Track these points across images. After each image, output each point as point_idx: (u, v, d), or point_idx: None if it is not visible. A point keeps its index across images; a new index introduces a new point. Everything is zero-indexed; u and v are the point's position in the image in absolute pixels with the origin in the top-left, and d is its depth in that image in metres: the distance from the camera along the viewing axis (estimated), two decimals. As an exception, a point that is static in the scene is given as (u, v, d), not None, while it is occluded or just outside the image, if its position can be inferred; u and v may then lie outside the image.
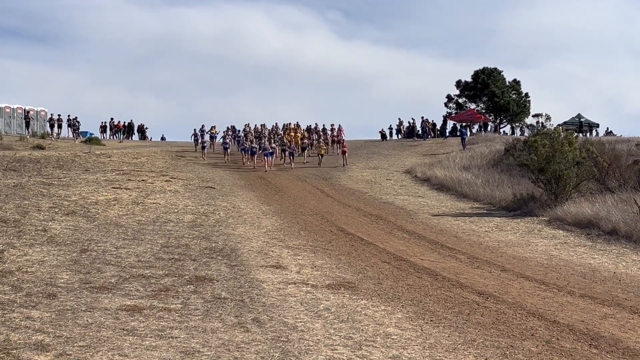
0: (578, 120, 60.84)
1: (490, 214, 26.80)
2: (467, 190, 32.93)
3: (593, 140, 43.04)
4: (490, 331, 10.33)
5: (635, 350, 9.48)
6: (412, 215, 26.02)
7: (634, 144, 38.61)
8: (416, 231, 21.92)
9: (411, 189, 34.22)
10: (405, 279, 14.42)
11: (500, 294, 13.17)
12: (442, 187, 35.15)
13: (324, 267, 15.10)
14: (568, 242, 20.47)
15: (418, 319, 10.93)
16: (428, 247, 19.00)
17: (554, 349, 9.43)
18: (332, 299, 11.99)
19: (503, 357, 8.92)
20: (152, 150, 45.23)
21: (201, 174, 36.12)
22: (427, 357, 8.77)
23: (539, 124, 62.73)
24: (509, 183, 32.41)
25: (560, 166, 27.10)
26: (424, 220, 24.71)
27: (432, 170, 39.02)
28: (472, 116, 66.77)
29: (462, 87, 72.82)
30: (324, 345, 9.10)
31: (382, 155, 44.93)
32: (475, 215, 26.02)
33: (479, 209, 28.25)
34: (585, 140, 39.14)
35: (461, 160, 43.40)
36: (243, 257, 15.76)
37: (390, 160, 40.11)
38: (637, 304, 12.75)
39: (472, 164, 41.67)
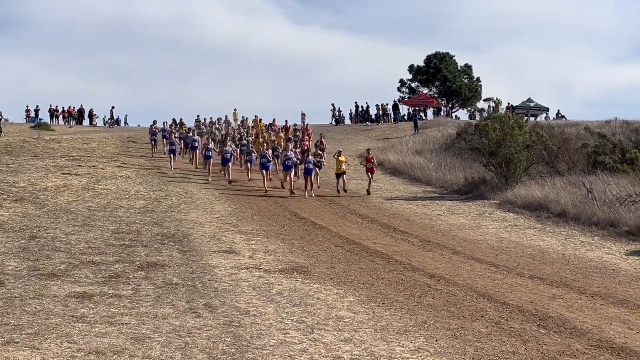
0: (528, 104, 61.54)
1: (443, 198, 27.03)
2: (420, 174, 33.14)
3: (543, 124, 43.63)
4: (441, 313, 10.43)
5: (582, 330, 9.65)
6: (365, 199, 26.12)
7: (582, 128, 39.21)
8: (369, 215, 22.01)
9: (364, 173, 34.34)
10: (358, 262, 14.47)
11: (452, 277, 13.30)
12: (395, 171, 35.32)
13: (277, 252, 15.09)
14: (518, 225, 20.74)
15: (370, 302, 10.98)
16: (381, 230, 19.09)
17: (503, 330, 9.55)
18: (284, 284, 12.00)
19: (453, 339, 9.01)
20: (102, 136, 44.61)
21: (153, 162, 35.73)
22: (378, 339, 8.82)
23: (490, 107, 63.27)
24: (460, 167, 32.69)
25: (510, 150, 27.39)
26: (377, 204, 24.83)
27: (385, 154, 39.17)
28: (424, 101, 67.15)
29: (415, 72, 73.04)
30: (276, 329, 9.10)
31: (335, 140, 44.82)
32: (427, 199, 26.22)
33: (432, 193, 28.47)
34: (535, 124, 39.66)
35: (414, 144, 43.62)
36: (195, 242, 15.67)
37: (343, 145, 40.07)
38: (585, 284, 12.98)
39: (425, 148, 41.91)
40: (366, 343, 8.62)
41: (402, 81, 74.17)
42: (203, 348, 8.15)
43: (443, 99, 71.29)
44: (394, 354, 8.18)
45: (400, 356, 8.13)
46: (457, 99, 71.91)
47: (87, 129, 55.92)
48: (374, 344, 8.61)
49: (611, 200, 21.15)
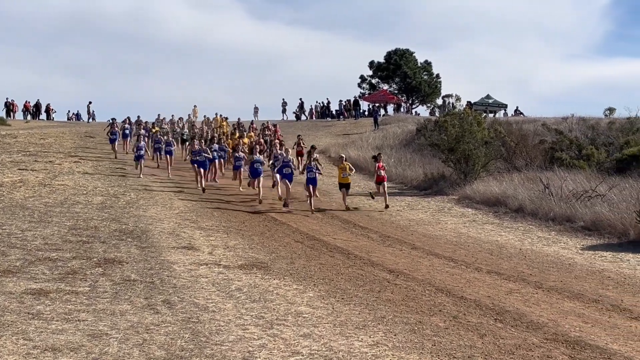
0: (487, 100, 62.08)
1: (402, 193, 27.16)
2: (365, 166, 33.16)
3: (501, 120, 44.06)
4: (400, 308, 10.49)
5: (538, 324, 9.77)
6: (326, 195, 26.12)
7: (540, 124, 39.70)
8: (329, 211, 22.04)
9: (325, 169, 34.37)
10: (318, 258, 14.49)
11: (411, 272, 13.39)
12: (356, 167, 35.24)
13: (236, 248, 15.05)
14: (476, 220, 20.94)
15: (329, 297, 11.01)
16: (341, 226, 19.14)
17: (460, 324, 9.64)
18: (244, 279, 11.97)
19: (411, 333, 9.06)
20: (60, 131, 44.00)
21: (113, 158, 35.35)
22: (337, 334, 8.85)
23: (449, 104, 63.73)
24: (420, 163, 32.86)
25: (469, 146, 27.62)
26: (337, 200, 24.85)
27: (346, 150, 39.16)
28: (385, 97, 67.41)
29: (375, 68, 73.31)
30: (235, 325, 9.08)
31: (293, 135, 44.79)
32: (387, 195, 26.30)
33: (391, 189, 28.52)
34: (494, 121, 40.04)
35: (374, 140, 43.73)
36: (154, 238, 15.56)
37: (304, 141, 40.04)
38: (542, 279, 13.15)
39: (385, 144, 42.03)
40: (325, 338, 8.64)
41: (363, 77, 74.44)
42: (161, 344, 8.10)
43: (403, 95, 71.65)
44: (353, 349, 8.21)
45: (359, 351, 8.15)
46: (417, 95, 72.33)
47: (44, 123, 55.09)
48: (333, 339, 8.63)
49: (567, 196, 21.44)
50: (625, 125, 36.45)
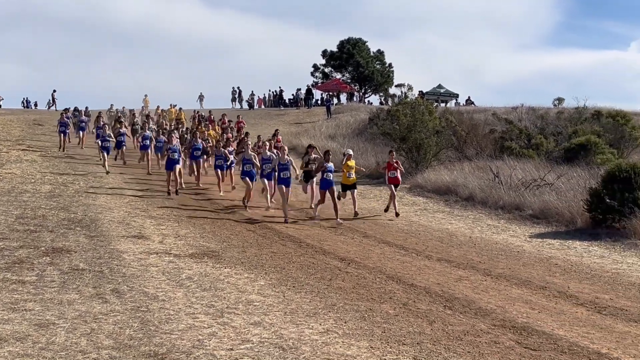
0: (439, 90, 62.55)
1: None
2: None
3: (452, 110, 44.41)
4: (351, 295, 10.53)
5: (486, 310, 9.90)
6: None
7: (490, 114, 40.12)
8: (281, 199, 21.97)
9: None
10: (270, 246, 14.47)
11: (362, 260, 13.45)
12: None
13: (187, 237, 14.94)
14: (427, 209, 21.11)
15: (280, 285, 11.00)
16: (292, 214, 19.11)
17: (410, 311, 9.72)
18: (195, 268, 11.90)
19: (362, 320, 9.11)
20: (7, 119, 43.17)
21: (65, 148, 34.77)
22: (288, 322, 8.85)
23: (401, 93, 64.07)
24: (372, 152, 32.96)
25: (420, 135, 27.82)
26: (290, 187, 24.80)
27: (299, 139, 39.19)
28: (337, 86, 67.45)
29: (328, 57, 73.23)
30: (185, 313, 9.02)
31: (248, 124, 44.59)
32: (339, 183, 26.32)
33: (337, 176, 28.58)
34: (445, 110, 40.33)
35: (327, 129, 43.78)
36: (103, 227, 15.37)
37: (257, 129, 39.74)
38: (490, 266, 13.32)
39: (338, 133, 42.13)
40: (275, 326, 8.64)
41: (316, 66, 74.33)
42: (109, 334, 8.01)
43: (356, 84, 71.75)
44: (303, 336, 8.22)
45: (309, 338, 8.17)
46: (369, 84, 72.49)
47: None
48: (284, 326, 8.63)
49: (517, 185, 21.75)
50: (573, 115, 37.02)
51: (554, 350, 8.09)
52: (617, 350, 8.17)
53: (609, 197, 16.99)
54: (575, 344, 8.37)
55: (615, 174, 17.55)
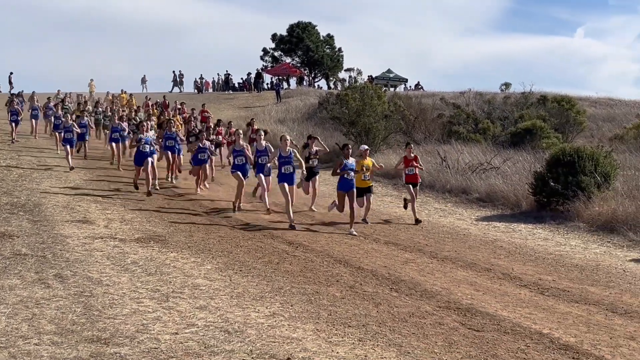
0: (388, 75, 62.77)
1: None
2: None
3: (401, 94, 44.64)
4: (298, 279, 10.53)
5: (432, 292, 9.99)
6: (226, 168, 25.89)
7: (438, 99, 40.43)
8: (230, 183, 21.83)
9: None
10: (217, 231, 14.38)
11: (310, 244, 13.46)
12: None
13: (133, 221, 14.76)
14: (376, 192, 21.14)
15: (227, 269, 10.95)
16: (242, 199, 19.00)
17: (356, 294, 9.76)
18: (140, 253, 11.77)
19: (308, 303, 9.12)
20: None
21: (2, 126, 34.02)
22: (234, 306, 8.81)
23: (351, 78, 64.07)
24: (322, 136, 32.83)
25: (369, 119, 27.94)
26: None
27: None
28: (287, 70, 67.25)
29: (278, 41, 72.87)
30: (130, 298, 8.92)
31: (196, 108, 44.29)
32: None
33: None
34: (394, 95, 40.51)
35: (276, 113, 43.67)
36: (47, 212, 15.09)
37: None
38: (437, 249, 13.45)
39: (288, 117, 42.05)
40: (221, 310, 8.59)
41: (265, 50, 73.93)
42: (52, 319, 7.88)
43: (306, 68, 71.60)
44: (249, 320, 8.20)
45: (255, 322, 8.15)
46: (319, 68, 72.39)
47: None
48: (229, 310, 8.59)
49: (464, 169, 21.98)
50: (520, 100, 37.50)
51: (497, 331, 8.21)
52: (558, 331, 8.31)
53: (553, 181, 17.27)
54: (518, 325, 8.49)
55: (560, 158, 17.85)
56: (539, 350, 7.54)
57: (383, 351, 7.27)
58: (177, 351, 6.98)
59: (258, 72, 63.65)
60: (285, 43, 72.45)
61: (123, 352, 6.89)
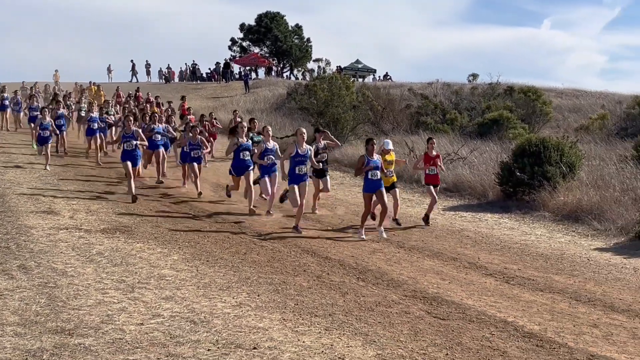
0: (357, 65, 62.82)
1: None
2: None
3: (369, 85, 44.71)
4: (265, 269, 10.52)
5: (398, 282, 10.04)
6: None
7: (407, 89, 40.55)
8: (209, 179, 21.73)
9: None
10: (184, 221, 14.32)
11: (278, 234, 13.46)
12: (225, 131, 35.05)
13: (99, 212, 14.63)
14: (344, 183, 21.24)
15: (194, 259, 10.90)
16: (210, 189, 18.93)
17: (323, 283, 9.77)
18: (106, 243, 11.67)
19: (275, 293, 9.11)
20: None
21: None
22: (200, 296, 8.78)
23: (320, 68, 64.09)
24: (291, 126, 32.89)
25: (338, 110, 27.95)
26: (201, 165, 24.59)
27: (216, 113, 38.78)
28: (256, 60, 67.01)
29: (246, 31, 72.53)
30: (95, 289, 8.84)
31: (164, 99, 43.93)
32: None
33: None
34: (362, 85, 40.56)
35: (245, 104, 43.51)
36: (11, 202, 14.91)
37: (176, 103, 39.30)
38: (404, 239, 13.51)
39: (256, 108, 41.92)
40: (187, 300, 8.56)
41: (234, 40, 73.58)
42: (15, 310, 7.79)
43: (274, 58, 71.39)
44: (215, 310, 8.17)
45: (222, 312, 8.12)
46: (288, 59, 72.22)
47: None
48: (196, 300, 8.56)
49: (431, 159, 22.04)
50: (487, 91, 37.77)
51: (462, 319, 8.27)
52: (522, 319, 8.39)
53: (519, 171, 17.41)
54: (483, 313, 8.56)
55: (526, 148, 18.00)
56: (503, 338, 7.61)
57: (349, 340, 7.29)
58: (143, 342, 6.94)
59: (226, 62, 63.36)
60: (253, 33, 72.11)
61: (87, 342, 6.83)
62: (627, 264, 12.00)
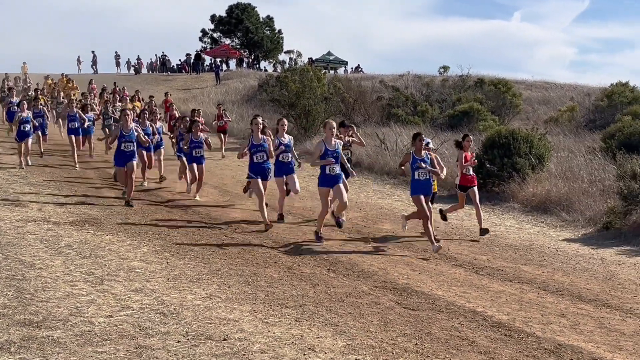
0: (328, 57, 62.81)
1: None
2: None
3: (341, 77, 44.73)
4: (236, 261, 10.50)
5: (369, 273, 10.07)
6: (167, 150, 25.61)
7: (378, 81, 40.61)
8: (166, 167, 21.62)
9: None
10: (155, 213, 14.24)
11: (249, 225, 13.42)
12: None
13: (68, 204, 14.50)
14: (315, 174, 21.13)
15: (164, 252, 10.85)
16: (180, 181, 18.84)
17: (294, 275, 9.77)
18: (75, 236, 11.57)
19: (245, 285, 9.10)
20: None
21: None
22: (170, 288, 8.74)
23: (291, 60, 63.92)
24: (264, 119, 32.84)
25: (309, 101, 27.93)
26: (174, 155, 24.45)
27: (187, 104, 38.64)
28: (227, 51, 66.73)
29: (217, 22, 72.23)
30: (63, 281, 8.77)
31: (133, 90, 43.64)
32: (228, 150, 26.14)
33: (232, 144, 28.45)
34: (334, 77, 40.57)
35: (216, 95, 43.43)
36: (-22, 195, 14.73)
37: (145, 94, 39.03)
38: (375, 230, 13.56)
39: (227, 99, 41.80)
40: (157, 292, 8.51)
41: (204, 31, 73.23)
42: (-18, 304, 7.71)
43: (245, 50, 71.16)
44: (185, 302, 8.14)
45: (192, 303, 8.10)
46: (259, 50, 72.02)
47: None
48: (166, 292, 8.52)
49: (402, 151, 22.12)
50: (457, 83, 37.96)
51: (432, 310, 8.32)
52: (491, 309, 8.46)
53: (489, 163, 17.52)
54: (452, 303, 8.62)
55: (495, 140, 18.13)
56: (472, 328, 7.67)
57: (319, 331, 7.31)
58: (112, 334, 6.90)
59: (197, 53, 63.07)
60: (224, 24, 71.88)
61: (56, 335, 6.78)
62: (594, 255, 12.15)
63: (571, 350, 7.08)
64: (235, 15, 70.98)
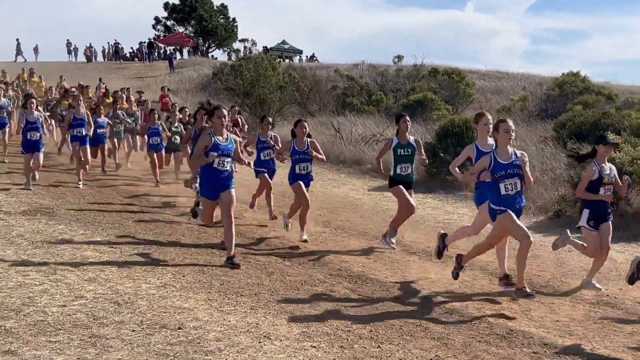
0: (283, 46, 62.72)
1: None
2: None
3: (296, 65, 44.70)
4: (190, 250, 10.48)
5: (324, 261, 10.15)
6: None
7: (333, 70, 40.69)
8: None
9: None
10: (108, 203, 14.11)
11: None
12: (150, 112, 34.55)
13: (19, 194, 14.30)
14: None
15: (118, 241, 10.76)
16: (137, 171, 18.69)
17: (250, 264, 9.75)
18: (26, 225, 11.41)
19: (200, 273, 9.06)
20: None
21: None
22: (124, 277, 8.68)
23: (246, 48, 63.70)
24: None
25: (264, 90, 27.89)
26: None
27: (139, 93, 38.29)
28: (180, 40, 66.16)
29: (170, 10, 71.53)
30: (15, 271, 8.64)
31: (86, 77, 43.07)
32: (182, 139, 25.87)
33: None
34: (289, 66, 40.54)
35: (169, 84, 42.95)
36: None
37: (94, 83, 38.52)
38: (330, 219, 13.68)
39: (181, 88, 41.56)
40: (111, 282, 8.45)
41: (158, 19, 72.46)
42: None
43: (199, 38, 70.61)
44: (140, 291, 8.10)
45: (146, 292, 8.06)
46: (213, 39, 71.54)
47: None
48: (120, 282, 8.46)
49: (357, 140, 22.25)
50: (412, 72, 38.21)
51: (386, 297, 8.40)
52: (444, 294, 8.59)
53: (442, 152, 17.69)
54: (406, 290, 8.72)
55: (449, 129, 18.31)
56: (425, 315, 7.77)
57: (275, 318, 7.33)
58: (65, 323, 6.84)
59: (150, 41, 62.41)
60: (178, 12, 71.18)
61: (8, 325, 6.70)
62: (545, 242, 12.34)
63: (522, 336, 7.22)
64: (188, 3, 70.30)
